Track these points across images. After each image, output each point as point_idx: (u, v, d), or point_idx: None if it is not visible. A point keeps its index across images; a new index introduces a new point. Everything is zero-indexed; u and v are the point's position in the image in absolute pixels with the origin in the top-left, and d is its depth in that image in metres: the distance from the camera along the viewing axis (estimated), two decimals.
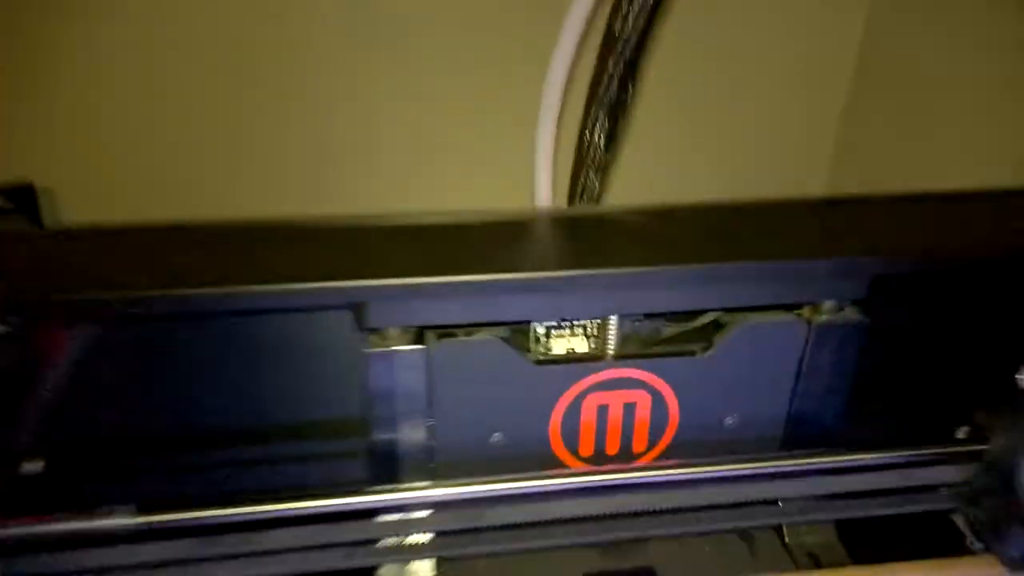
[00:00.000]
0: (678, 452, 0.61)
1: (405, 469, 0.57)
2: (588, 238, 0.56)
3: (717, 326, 0.60)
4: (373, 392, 0.54)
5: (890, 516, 0.55)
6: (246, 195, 1.12)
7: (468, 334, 0.54)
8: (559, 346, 0.55)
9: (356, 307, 0.50)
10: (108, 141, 1.04)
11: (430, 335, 0.54)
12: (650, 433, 0.60)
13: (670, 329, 0.61)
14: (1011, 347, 0.56)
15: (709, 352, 0.57)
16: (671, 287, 0.53)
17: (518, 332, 0.55)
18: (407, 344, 0.53)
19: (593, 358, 0.57)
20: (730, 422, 0.60)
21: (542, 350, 0.56)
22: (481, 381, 0.55)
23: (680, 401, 0.59)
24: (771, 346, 0.57)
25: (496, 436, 0.58)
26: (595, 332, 0.58)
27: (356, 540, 0.48)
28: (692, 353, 0.58)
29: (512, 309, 0.52)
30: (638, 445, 0.61)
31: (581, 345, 0.55)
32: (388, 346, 0.52)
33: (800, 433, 0.61)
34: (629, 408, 0.59)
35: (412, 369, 0.53)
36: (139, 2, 0.97)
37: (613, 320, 0.57)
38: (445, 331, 0.54)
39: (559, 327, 0.55)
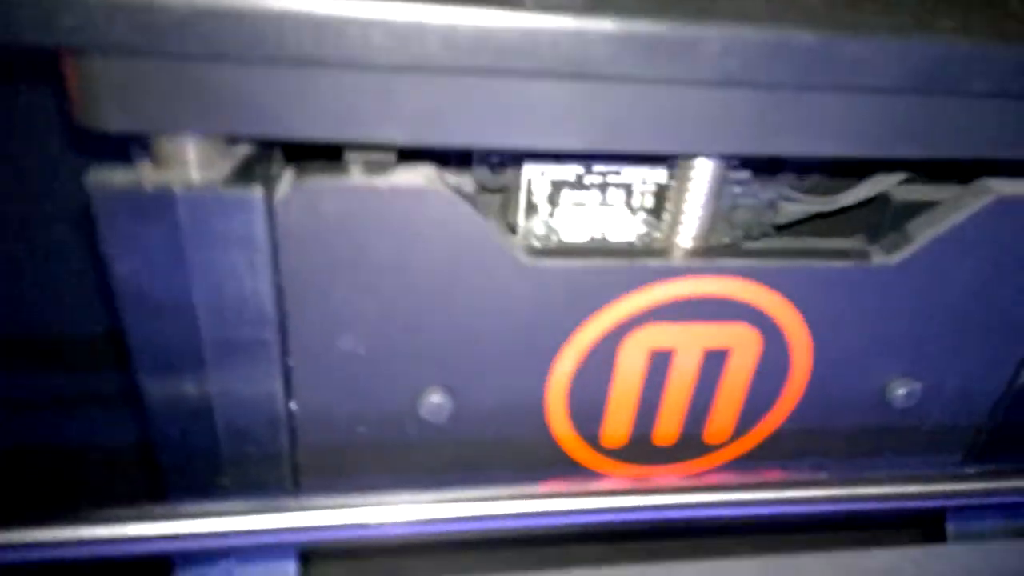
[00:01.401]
0: (794, 447, 0.31)
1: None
2: None
3: (888, 206, 0.29)
4: (123, 293, 0.23)
5: None
6: None
7: (370, 169, 0.23)
8: (576, 224, 0.29)
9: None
10: None
11: (278, 168, 0.23)
12: (746, 410, 0.30)
13: (798, 206, 0.30)
14: None
15: (898, 254, 0.27)
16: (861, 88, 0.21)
17: (488, 184, 0.26)
18: (220, 185, 0.21)
19: (648, 253, 0.27)
20: (903, 395, 0.30)
21: (541, 230, 0.28)
22: (399, 286, 0.24)
23: (818, 349, 0.28)
24: None
25: (433, 400, 0.27)
26: (651, 198, 0.27)
27: None
28: (861, 256, 0.27)
29: (478, 116, 0.21)
30: (717, 432, 0.31)
31: (622, 224, 0.29)
32: (152, 184, 0.21)
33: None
34: (713, 360, 0.28)
35: (232, 243, 0.22)
36: None
37: (699, 169, 0.25)
38: (307, 158, 0.23)
39: (580, 180, 0.28)
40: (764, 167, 0.31)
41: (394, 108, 0.20)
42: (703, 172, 0.25)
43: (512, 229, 0.30)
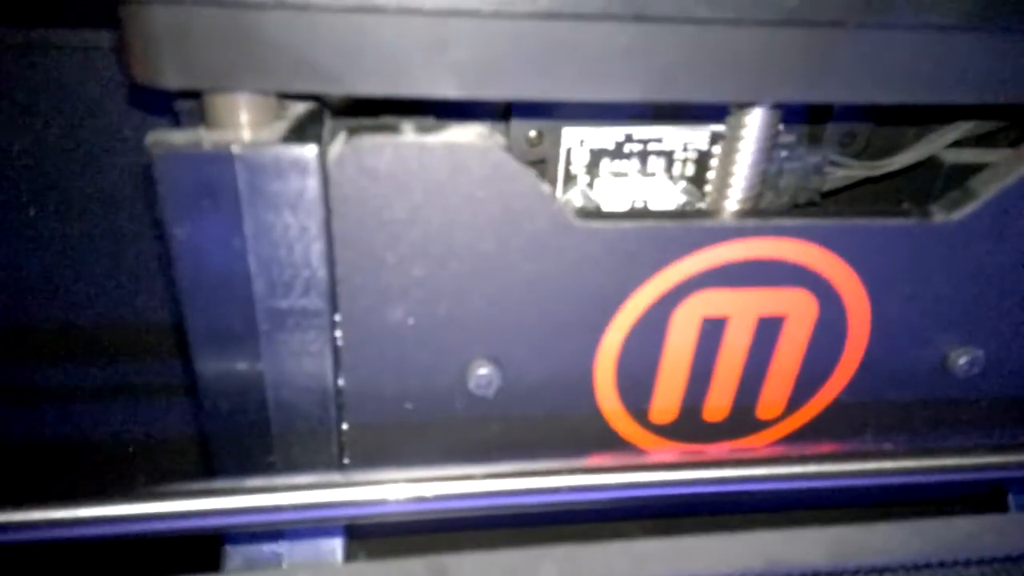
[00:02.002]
0: (850, 421, 0.30)
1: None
2: None
3: (939, 171, 0.29)
4: (180, 255, 0.22)
5: None
6: None
7: (421, 130, 0.23)
8: (615, 194, 0.29)
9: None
10: None
11: (331, 129, 0.23)
12: (800, 382, 0.29)
13: (846, 171, 0.30)
14: None
15: (960, 211, 0.26)
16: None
17: (533, 142, 0.23)
18: (275, 145, 0.21)
19: (699, 214, 0.26)
20: (965, 363, 0.29)
21: (579, 201, 0.29)
22: (449, 251, 0.24)
23: (877, 315, 0.28)
24: None
25: (481, 373, 0.27)
26: (692, 166, 0.27)
27: None
28: (922, 215, 0.26)
29: (533, 64, 0.20)
30: (770, 406, 0.30)
31: (662, 194, 0.29)
32: (210, 144, 0.21)
33: None
34: (767, 327, 0.27)
35: (287, 204, 0.22)
36: None
37: (750, 122, 0.25)
38: (359, 118, 0.23)
39: (619, 149, 0.29)
40: (811, 136, 0.30)
41: (448, 58, 0.20)
42: (754, 125, 0.25)
43: (556, 186, 0.30)
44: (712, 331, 0.27)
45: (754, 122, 0.25)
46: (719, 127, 0.28)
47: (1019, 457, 0.29)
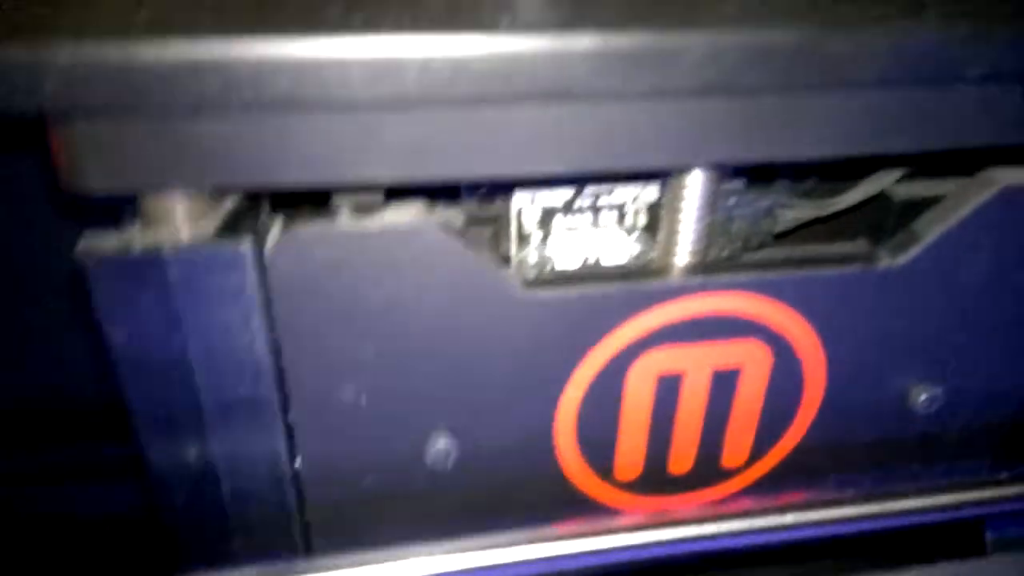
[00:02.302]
0: (816, 463, 0.30)
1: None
2: None
3: (890, 205, 0.29)
4: (120, 360, 0.22)
5: None
6: None
7: (359, 211, 0.22)
8: (570, 249, 0.28)
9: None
10: None
11: (266, 219, 0.23)
12: (762, 429, 0.29)
13: (796, 211, 0.30)
14: None
15: (905, 254, 0.26)
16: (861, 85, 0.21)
17: (478, 216, 0.24)
18: (208, 241, 0.21)
19: (645, 274, 0.26)
20: (925, 400, 0.29)
21: (534, 259, 0.28)
22: (395, 330, 0.24)
23: (832, 360, 0.28)
24: None
25: (439, 446, 0.26)
26: (643, 217, 0.27)
27: None
28: (867, 259, 0.26)
29: (462, 147, 0.21)
30: (734, 455, 0.30)
31: (616, 246, 0.29)
32: (142, 246, 0.20)
33: None
34: (723, 380, 0.27)
35: (225, 299, 0.22)
36: None
37: (690, 182, 0.25)
38: (294, 205, 0.23)
39: (570, 205, 0.28)
40: (758, 175, 0.30)
41: (377, 146, 0.20)
42: (695, 185, 0.25)
43: (505, 259, 0.30)
44: (669, 387, 0.27)
45: (694, 181, 0.25)
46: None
47: (998, 492, 0.29)
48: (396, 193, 0.23)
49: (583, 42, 0.19)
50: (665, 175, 0.26)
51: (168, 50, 0.17)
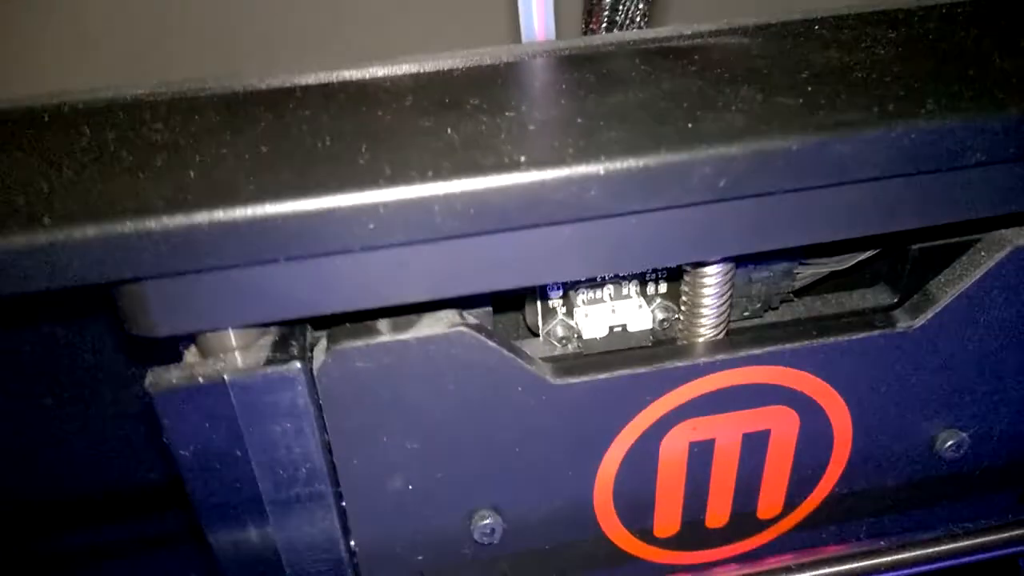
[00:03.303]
0: (849, 509, 0.31)
1: None
2: (644, 86, 0.25)
3: (906, 253, 0.30)
4: (188, 471, 0.24)
5: None
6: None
7: (397, 325, 0.24)
8: (595, 320, 0.30)
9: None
10: None
11: (311, 338, 0.24)
12: (794, 483, 0.30)
13: (814, 268, 0.31)
14: None
15: (922, 317, 0.27)
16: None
17: (504, 315, 0.25)
18: (262, 366, 0.23)
19: (672, 354, 0.27)
20: (951, 446, 0.30)
21: (561, 332, 0.31)
22: (437, 425, 0.26)
23: (857, 418, 0.29)
24: None
25: (485, 523, 0.28)
26: (664, 285, 0.28)
27: None
28: (886, 324, 0.27)
29: (487, 267, 0.22)
30: (768, 507, 0.31)
31: (640, 314, 0.30)
32: (203, 377, 0.22)
33: None
34: (753, 441, 0.29)
35: (280, 414, 0.23)
36: None
37: (705, 271, 0.26)
38: (338, 325, 0.24)
39: (592, 279, 0.30)
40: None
41: (411, 274, 0.22)
42: (710, 273, 0.26)
43: (533, 332, 0.31)
44: (701, 451, 0.29)
45: (709, 269, 0.26)
46: None
47: None
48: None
49: (596, 170, 0.20)
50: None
51: (221, 215, 0.19)
